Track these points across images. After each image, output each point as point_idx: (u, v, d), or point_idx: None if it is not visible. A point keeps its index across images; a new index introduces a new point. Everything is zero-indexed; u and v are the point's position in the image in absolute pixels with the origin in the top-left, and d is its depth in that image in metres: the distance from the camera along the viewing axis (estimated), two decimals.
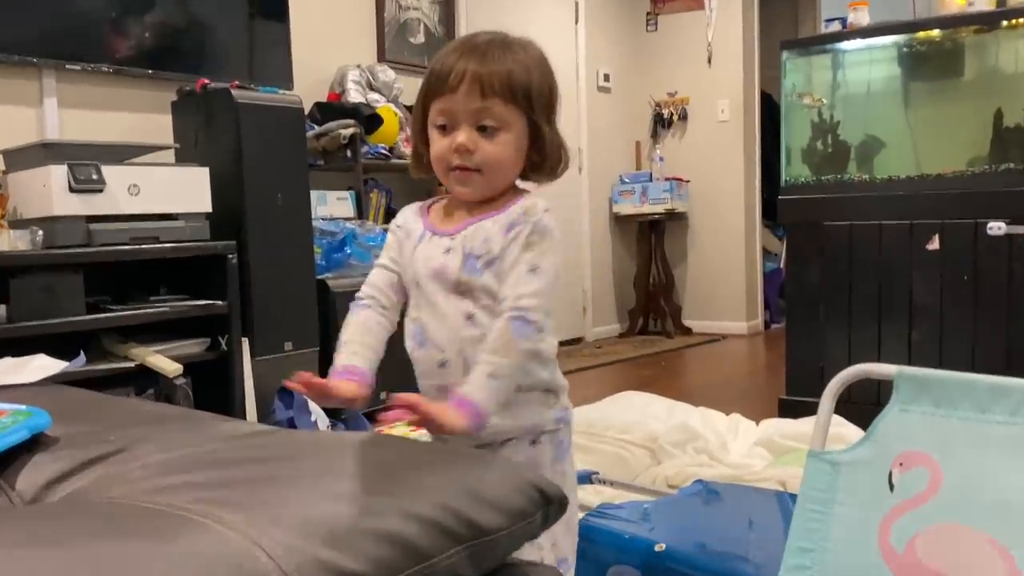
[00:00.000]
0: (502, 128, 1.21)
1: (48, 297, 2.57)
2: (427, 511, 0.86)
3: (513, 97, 1.21)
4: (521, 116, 1.22)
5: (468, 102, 1.20)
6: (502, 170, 1.24)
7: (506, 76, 1.20)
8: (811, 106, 3.32)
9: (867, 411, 1.49)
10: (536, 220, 1.22)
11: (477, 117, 1.21)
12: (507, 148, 1.22)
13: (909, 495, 1.15)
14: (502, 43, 1.24)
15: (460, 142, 1.20)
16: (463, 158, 1.21)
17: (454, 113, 1.21)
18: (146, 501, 0.87)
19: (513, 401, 1.24)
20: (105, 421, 1.20)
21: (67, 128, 3.23)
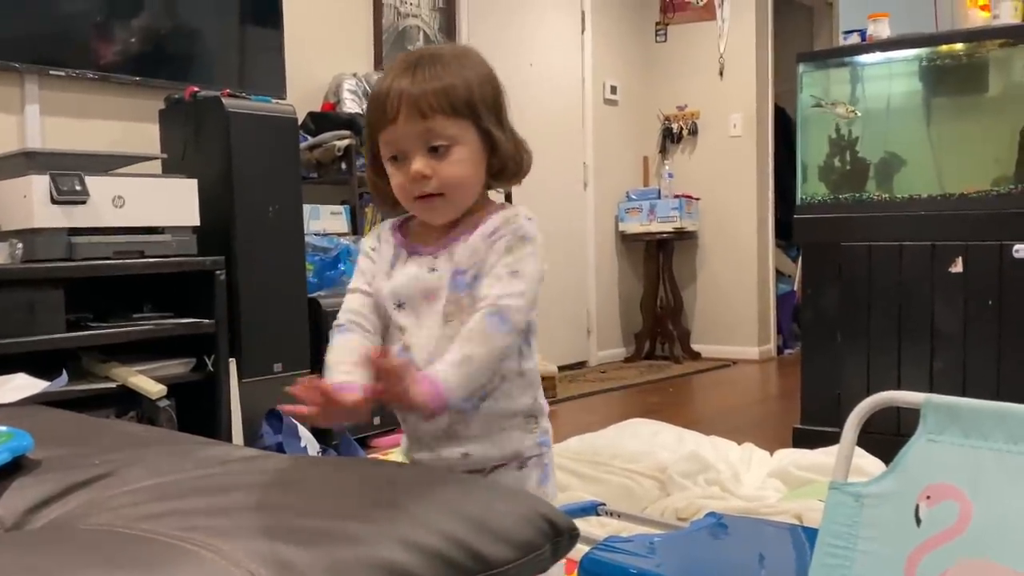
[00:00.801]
0: (453, 144, 1.22)
1: (27, 313, 2.57)
2: (430, 541, 0.86)
3: (455, 110, 1.21)
4: (469, 126, 1.23)
5: (410, 127, 1.21)
6: (463, 187, 1.25)
7: (442, 90, 1.21)
8: (844, 117, 3.32)
9: (886, 442, 1.49)
10: (515, 226, 1.24)
11: (425, 139, 1.21)
12: (463, 165, 1.23)
13: (937, 530, 1.14)
14: (433, 57, 1.24)
15: (415, 170, 1.21)
16: (422, 185, 1.22)
17: (401, 142, 1.22)
18: (134, 528, 0.87)
19: (496, 428, 1.27)
20: (90, 444, 1.20)
21: (50, 137, 3.24)
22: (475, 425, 1.27)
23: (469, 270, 1.24)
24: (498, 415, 1.27)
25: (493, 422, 1.27)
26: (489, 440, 1.27)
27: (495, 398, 1.27)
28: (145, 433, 1.42)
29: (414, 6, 4.64)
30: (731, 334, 6.07)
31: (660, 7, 6.24)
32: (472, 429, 1.27)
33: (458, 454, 1.27)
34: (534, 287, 1.23)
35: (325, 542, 0.83)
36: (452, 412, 1.25)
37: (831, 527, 1.23)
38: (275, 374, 3.20)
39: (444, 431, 1.27)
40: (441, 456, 1.28)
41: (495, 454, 1.28)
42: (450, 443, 1.28)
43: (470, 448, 1.27)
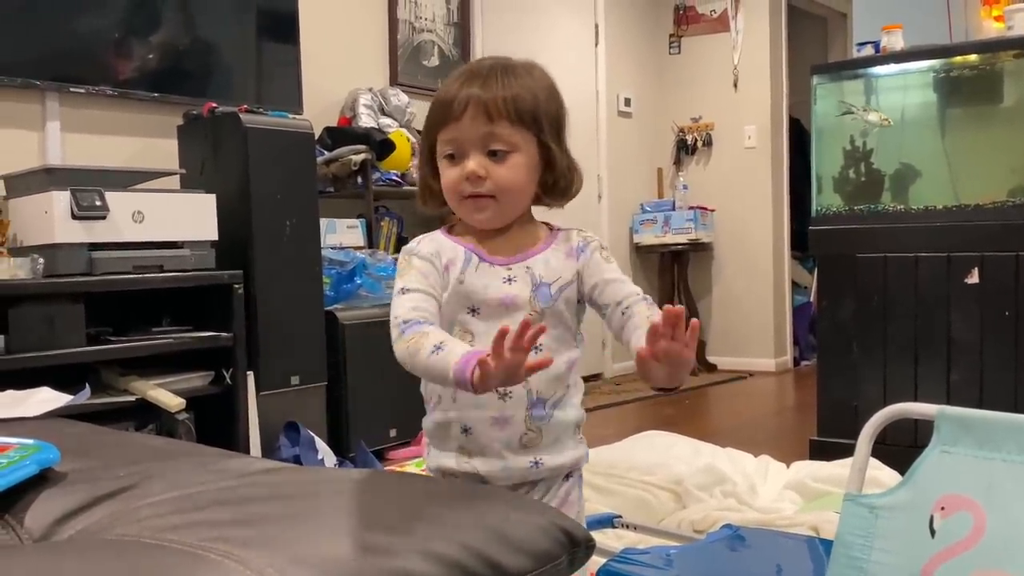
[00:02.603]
0: (512, 151, 1.26)
1: (48, 327, 2.60)
2: (448, 551, 0.87)
3: (520, 119, 1.25)
4: (530, 138, 1.27)
5: (474, 128, 1.24)
6: (516, 194, 1.28)
7: (511, 99, 1.24)
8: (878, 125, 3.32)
9: (903, 453, 1.50)
10: (597, 240, 1.35)
11: (485, 142, 1.25)
12: (519, 171, 1.26)
13: (952, 541, 1.15)
14: (504, 68, 1.28)
15: (471, 169, 1.24)
16: (475, 185, 1.25)
17: (461, 141, 1.26)
18: (159, 539, 0.89)
19: (561, 437, 1.31)
20: (114, 456, 1.22)
21: (70, 153, 3.28)
22: (546, 434, 1.30)
23: (554, 284, 1.29)
24: (563, 424, 1.31)
25: (560, 431, 1.31)
26: (556, 449, 1.31)
27: (563, 407, 1.31)
28: (167, 446, 1.45)
29: (429, 21, 4.68)
30: (747, 346, 6.06)
31: (674, 19, 6.27)
32: (544, 438, 1.30)
33: (527, 463, 1.29)
34: None
35: (346, 552, 0.85)
36: (532, 418, 1.29)
37: (846, 538, 1.24)
38: (292, 387, 3.23)
39: (518, 438, 1.29)
40: (509, 466, 1.29)
41: (560, 462, 1.31)
42: (523, 452, 1.30)
43: (541, 456, 1.30)
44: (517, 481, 1.31)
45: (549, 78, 1.33)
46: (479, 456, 1.30)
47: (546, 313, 1.28)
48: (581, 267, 1.31)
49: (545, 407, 1.29)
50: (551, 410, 1.29)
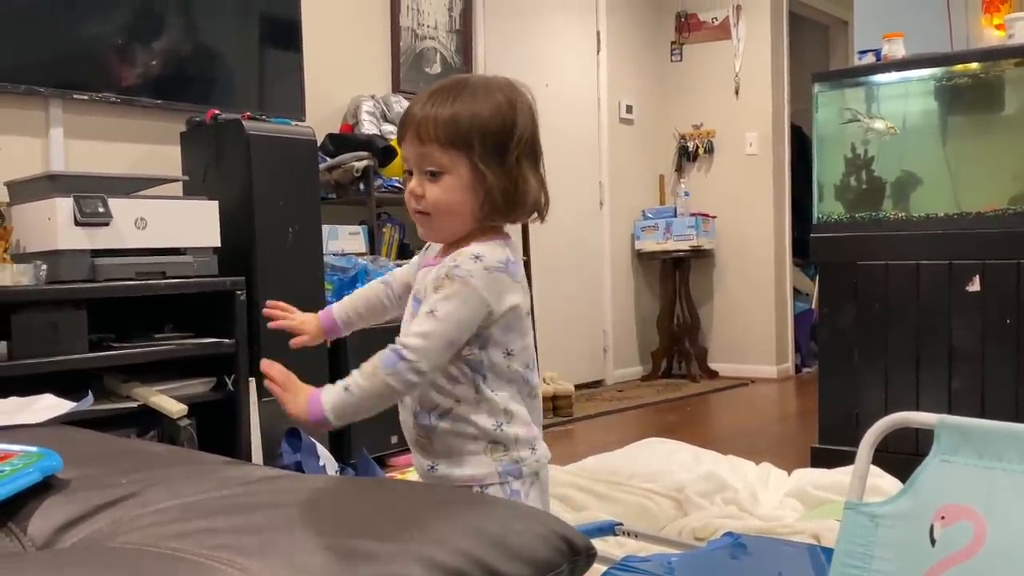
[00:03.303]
0: (444, 172, 1.30)
1: (50, 334, 2.61)
2: (449, 559, 0.88)
3: (450, 141, 1.28)
4: (462, 158, 1.29)
5: (411, 148, 1.32)
6: (449, 214, 1.31)
7: (444, 121, 1.28)
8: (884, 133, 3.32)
9: (905, 461, 1.50)
10: (453, 265, 1.28)
11: (420, 163, 1.31)
12: (450, 192, 1.30)
13: (952, 550, 1.15)
14: (455, 86, 1.31)
15: (410, 188, 1.32)
16: (416, 202, 1.33)
17: (408, 160, 1.34)
18: (162, 547, 0.89)
19: (456, 448, 1.33)
20: (117, 464, 1.22)
21: (73, 159, 3.29)
22: (436, 442, 1.34)
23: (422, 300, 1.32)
24: (456, 435, 1.33)
25: (452, 442, 1.33)
26: (450, 459, 1.34)
27: (452, 419, 1.33)
28: (169, 453, 1.45)
29: (431, 28, 4.69)
30: (748, 352, 6.06)
31: (675, 26, 6.28)
32: (435, 445, 1.34)
33: (427, 466, 1.36)
34: (448, 328, 1.26)
35: (346, 560, 0.85)
36: (419, 425, 1.35)
37: (846, 547, 1.25)
38: None
39: (415, 441, 1.37)
40: (418, 464, 1.38)
41: (456, 473, 1.33)
42: (422, 454, 1.37)
43: (436, 463, 1.35)
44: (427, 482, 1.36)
45: (512, 100, 1.32)
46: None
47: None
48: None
49: (430, 417, 1.34)
50: (437, 420, 1.33)
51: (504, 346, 1.32)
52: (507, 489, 1.35)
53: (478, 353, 1.31)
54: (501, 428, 1.33)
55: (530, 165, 1.33)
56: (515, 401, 1.35)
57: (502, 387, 1.34)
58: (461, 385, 1.32)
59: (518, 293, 1.32)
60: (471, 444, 1.33)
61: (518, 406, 1.35)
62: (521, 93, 1.34)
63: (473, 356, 1.31)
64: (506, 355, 1.33)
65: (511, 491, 1.36)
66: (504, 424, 1.33)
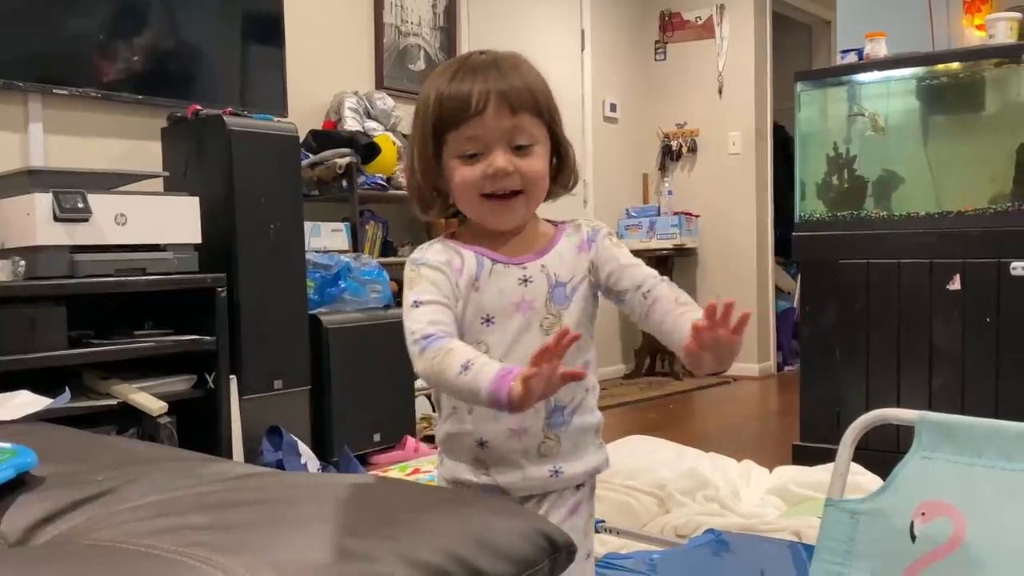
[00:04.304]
0: (534, 143, 1.21)
1: (29, 330, 2.58)
2: (430, 557, 0.87)
3: (539, 111, 1.22)
4: (544, 130, 1.24)
5: (499, 122, 1.19)
6: (542, 187, 1.24)
7: (529, 90, 1.21)
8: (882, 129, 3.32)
9: (886, 459, 1.50)
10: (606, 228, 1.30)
11: (511, 136, 1.20)
12: (543, 163, 1.23)
13: (932, 546, 1.15)
14: (507, 60, 1.24)
15: (500, 166, 1.18)
16: (503, 181, 1.20)
17: (483, 137, 1.19)
18: (137, 544, 0.88)
19: (581, 444, 1.27)
20: (93, 461, 1.21)
21: (53, 155, 3.26)
22: (566, 441, 1.25)
23: (569, 282, 1.25)
24: (583, 429, 1.27)
25: (579, 437, 1.27)
26: (576, 456, 1.26)
27: (581, 412, 1.26)
28: (147, 450, 1.43)
29: (415, 25, 4.67)
30: None
31: (659, 25, 6.28)
32: (564, 445, 1.25)
33: (547, 472, 1.25)
34: None
35: (326, 558, 0.84)
36: (550, 426, 1.24)
37: (827, 543, 1.25)
38: (276, 391, 3.21)
39: (536, 448, 1.24)
40: (529, 475, 1.25)
41: (581, 470, 1.27)
42: (541, 461, 1.25)
43: (561, 465, 1.25)
44: (538, 491, 1.26)
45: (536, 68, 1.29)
46: (496, 467, 1.25)
47: (563, 315, 1.24)
48: (594, 257, 1.27)
49: (564, 414, 1.25)
50: (570, 416, 1.25)
51: None
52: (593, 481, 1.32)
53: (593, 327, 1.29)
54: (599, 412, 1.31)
55: None
56: None
57: None
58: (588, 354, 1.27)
59: None
60: (592, 435, 1.29)
61: None
62: None
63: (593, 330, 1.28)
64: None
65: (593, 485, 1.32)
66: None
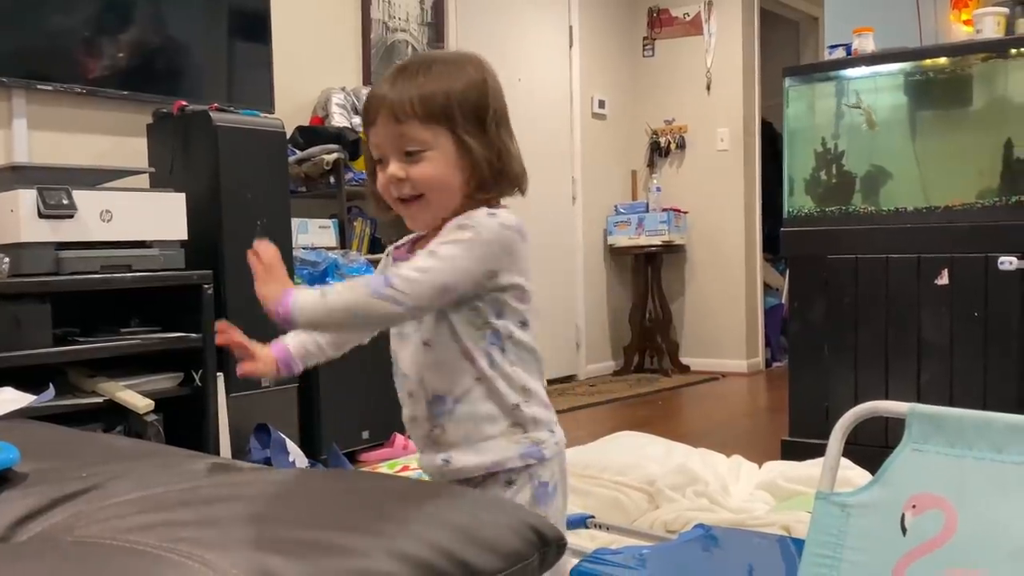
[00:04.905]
0: (426, 149, 1.24)
1: (13, 328, 2.56)
2: (417, 551, 0.86)
3: (429, 116, 1.23)
4: (444, 132, 1.24)
5: (385, 131, 1.25)
6: (440, 190, 1.25)
7: (417, 97, 1.23)
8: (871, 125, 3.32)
9: (874, 453, 1.50)
10: (465, 217, 1.23)
11: (399, 144, 1.24)
12: (436, 167, 1.24)
13: (923, 539, 1.15)
14: (419, 64, 1.27)
15: (390, 173, 1.25)
16: (399, 188, 1.25)
17: (381, 145, 1.26)
18: (121, 540, 0.87)
19: (475, 435, 1.26)
20: (77, 457, 1.19)
21: (37, 151, 3.23)
22: (451, 430, 1.26)
23: None
24: (474, 420, 1.26)
25: (471, 428, 1.26)
26: (469, 447, 1.26)
27: (467, 402, 1.26)
28: (132, 446, 1.42)
29: (403, 21, 4.66)
30: (720, 347, 6.08)
31: (647, 22, 6.28)
32: (450, 435, 1.27)
33: (439, 460, 1.28)
34: (445, 270, 1.19)
35: (312, 553, 0.83)
36: (433, 415, 1.27)
37: (817, 537, 1.24)
38: (263, 389, 3.19)
39: (427, 436, 1.29)
40: (427, 462, 1.31)
41: (475, 462, 1.26)
42: (434, 449, 1.29)
43: (451, 455, 1.27)
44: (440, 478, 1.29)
45: (478, 70, 1.29)
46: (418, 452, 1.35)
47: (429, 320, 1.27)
48: None
49: (446, 402, 1.26)
50: (454, 405, 1.26)
51: (520, 316, 1.27)
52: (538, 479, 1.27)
53: (496, 322, 1.25)
54: (519, 408, 1.26)
55: (508, 135, 1.30)
56: (533, 379, 1.28)
57: (519, 362, 1.27)
58: (478, 361, 1.25)
59: (529, 259, 1.28)
60: (489, 427, 1.26)
61: (536, 384, 1.29)
62: (487, 64, 1.32)
63: (491, 325, 1.25)
64: (522, 326, 1.27)
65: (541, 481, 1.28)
66: (522, 404, 1.27)
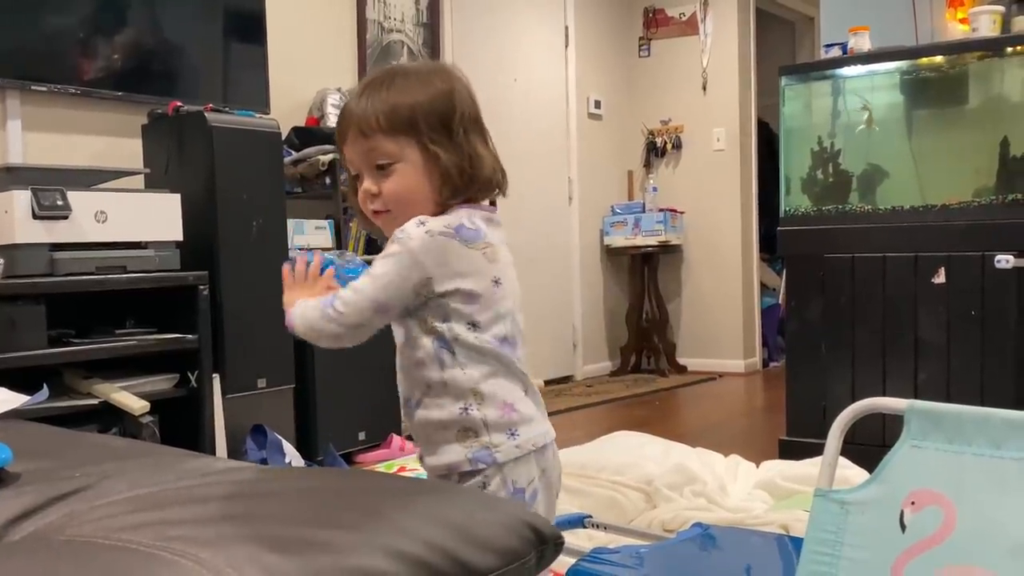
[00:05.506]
0: (396, 161, 1.27)
1: (8, 329, 2.55)
2: (413, 549, 0.86)
3: (395, 127, 1.26)
4: (411, 143, 1.26)
5: (356, 146, 1.28)
6: (408, 203, 1.28)
7: (383, 111, 1.26)
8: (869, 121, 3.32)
9: (872, 452, 1.49)
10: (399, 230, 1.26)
11: (368, 158, 1.28)
12: (405, 179, 1.27)
13: (922, 536, 1.15)
14: (387, 76, 1.30)
15: (364, 188, 1.29)
16: (373, 202, 1.29)
17: (354, 161, 1.30)
18: (114, 539, 0.86)
19: (433, 438, 1.30)
20: (70, 457, 1.19)
21: (31, 152, 3.22)
22: (417, 432, 1.33)
23: None
24: (430, 425, 1.30)
25: (428, 431, 1.31)
26: (429, 449, 1.31)
27: (425, 407, 1.30)
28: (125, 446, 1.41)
29: (398, 21, 4.65)
30: (717, 347, 6.08)
31: (643, 22, 6.28)
32: (417, 436, 1.33)
33: (419, 455, 1.36)
34: (376, 288, 1.24)
35: (307, 551, 0.82)
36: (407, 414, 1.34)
37: (816, 534, 1.24)
38: (259, 389, 3.19)
39: (412, 431, 1.36)
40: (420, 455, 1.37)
41: (434, 463, 1.31)
42: (417, 444, 1.36)
43: (422, 453, 1.34)
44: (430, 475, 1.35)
45: (447, 79, 1.31)
46: None
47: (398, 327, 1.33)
48: None
49: (410, 404, 1.32)
50: (414, 408, 1.31)
51: (468, 318, 1.26)
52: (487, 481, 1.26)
53: (440, 326, 1.26)
54: (467, 412, 1.26)
55: (479, 139, 1.30)
56: (489, 380, 1.27)
57: (473, 365, 1.26)
58: (427, 368, 1.27)
59: (478, 259, 1.26)
60: (442, 432, 1.28)
61: (492, 386, 1.27)
62: (455, 72, 1.33)
63: (436, 330, 1.26)
64: (471, 327, 1.26)
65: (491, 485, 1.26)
66: (472, 407, 1.26)
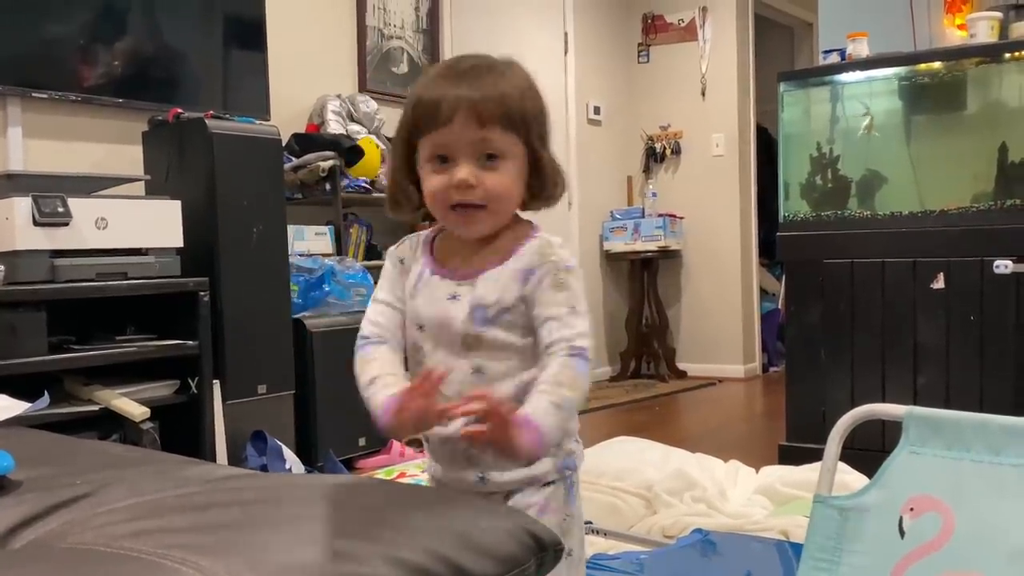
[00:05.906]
0: (503, 157, 1.18)
1: (9, 336, 2.55)
2: (414, 557, 0.86)
3: (511, 123, 1.18)
4: (519, 143, 1.20)
5: (465, 133, 1.16)
6: (507, 201, 1.21)
7: (501, 102, 1.17)
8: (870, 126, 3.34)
9: (871, 457, 1.49)
10: (556, 260, 1.20)
11: (477, 148, 1.17)
12: (510, 178, 1.19)
13: (921, 542, 1.15)
14: (490, 67, 1.21)
15: (461, 178, 1.17)
16: (465, 194, 1.18)
17: (451, 146, 1.18)
18: (115, 547, 0.86)
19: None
20: (71, 464, 1.19)
21: (32, 159, 3.22)
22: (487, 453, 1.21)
23: (491, 307, 1.20)
24: None
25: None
26: (500, 467, 1.23)
27: None
28: (127, 453, 1.41)
29: (398, 28, 4.66)
30: (716, 352, 6.08)
31: (642, 28, 6.29)
32: (487, 456, 1.22)
33: (475, 477, 1.25)
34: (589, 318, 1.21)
35: (309, 559, 0.83)
36: None
37: (816, 540, 1.24)
38: (259, 396, 3.18)
39: (462, 453, 1.24)
40: (460, 477, 1.26)
41: (511, 479, 1.23)
42: (468, 466, 1.25)
43: (488, 473, 1.24)
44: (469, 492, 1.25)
45: (531, 78, 1.25)
46: (437, 464, 1.29)
47: (483, 338, 1.21)
48: (528, 292, 1.20)
49: None
50: None
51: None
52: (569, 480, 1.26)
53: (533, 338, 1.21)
54: None
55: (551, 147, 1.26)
56: None
57: None
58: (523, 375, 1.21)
59: None
60: None
61: None
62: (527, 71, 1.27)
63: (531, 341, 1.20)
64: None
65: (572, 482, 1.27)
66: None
